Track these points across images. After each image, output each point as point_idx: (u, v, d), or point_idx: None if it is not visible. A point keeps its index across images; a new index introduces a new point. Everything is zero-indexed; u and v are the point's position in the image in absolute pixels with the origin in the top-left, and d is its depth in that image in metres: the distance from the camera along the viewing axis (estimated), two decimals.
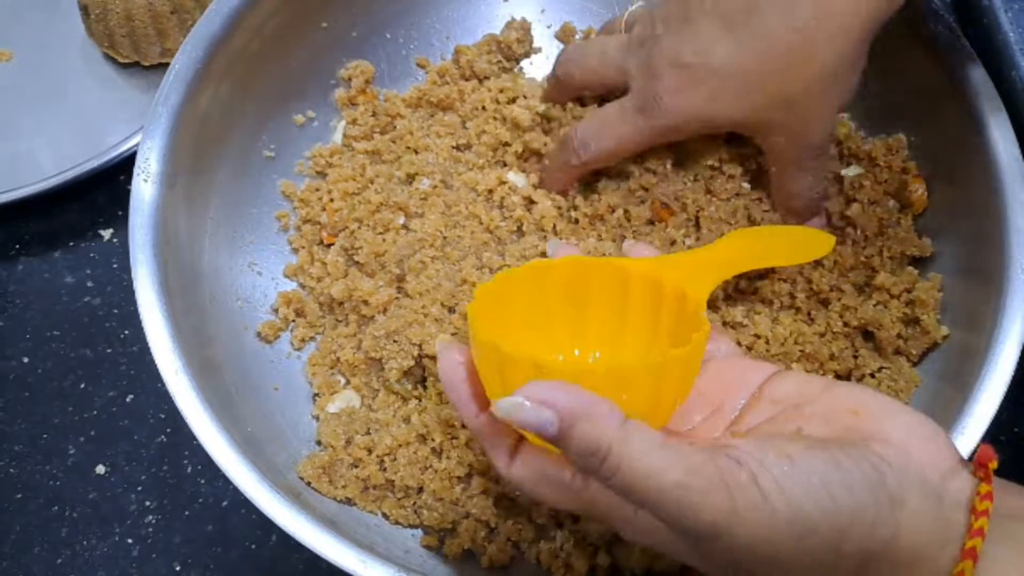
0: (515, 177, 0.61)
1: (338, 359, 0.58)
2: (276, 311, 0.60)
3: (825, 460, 0.35)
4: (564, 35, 0.67)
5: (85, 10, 0.76)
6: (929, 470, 0.36)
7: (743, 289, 0.57)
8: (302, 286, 0.61)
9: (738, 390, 0.42)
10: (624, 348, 0.46)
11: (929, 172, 0.59)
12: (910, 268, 0.57)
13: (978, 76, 0.56)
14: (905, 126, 0.60)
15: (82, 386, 0.67)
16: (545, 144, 0.61)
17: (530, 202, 0.60)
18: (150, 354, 0.50)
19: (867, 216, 0.58)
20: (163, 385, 0.50)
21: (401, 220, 0.60)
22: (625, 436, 0.34)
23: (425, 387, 0.57)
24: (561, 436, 0.35)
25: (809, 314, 0.57)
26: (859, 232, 0.58)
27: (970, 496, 0.36)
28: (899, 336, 0.55)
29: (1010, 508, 0.36)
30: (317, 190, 0.63)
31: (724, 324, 0.55)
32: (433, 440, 0.54)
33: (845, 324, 0.56)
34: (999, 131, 0.55)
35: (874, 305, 0.56)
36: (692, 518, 0.34)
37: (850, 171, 0.60)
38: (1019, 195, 0.53)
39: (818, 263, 0.57)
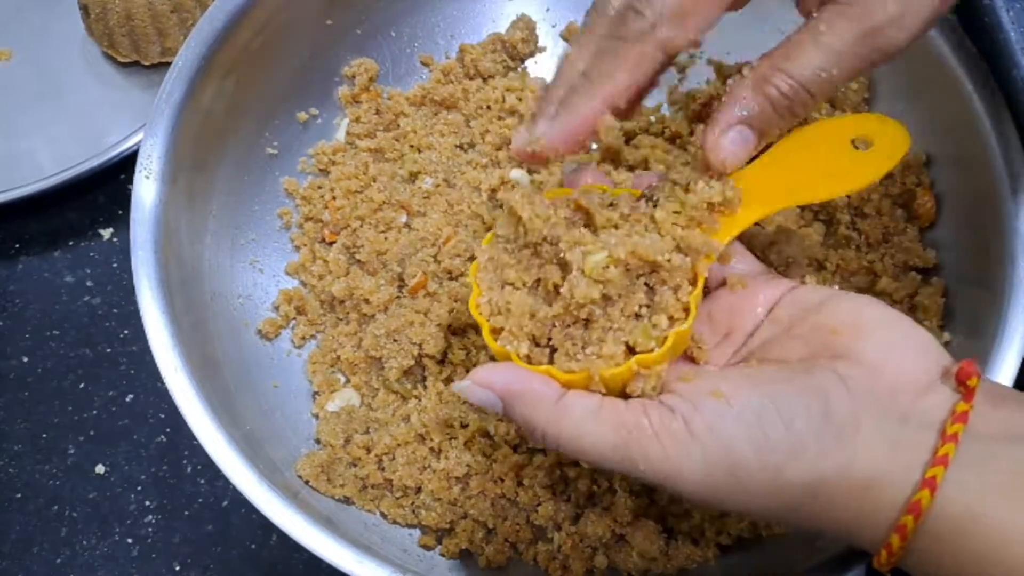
0: (518, 175, 0.61)
1: (338, 357, 0.58)
2: (277, 308, 0.60)
3: (763, 395, 0.36)
4: (569, 34, 0.67)
5: (85, 9, 0.76)
6: (901, 390, 0.37)
7: None
8: (303, 284, 0.61)
9: (747, 315, 0.42)
10: None
11: (934, 179, 0.59)
12: (912, 274, 0.57)
13: (983, 78, 0.56)
14: (911, 131, 0.60)
15: (82, 386, 0.67)
16: None
17: None
18: (150, 354, 0.50)
19: (872, 223, 0.58)
20: (163, 384, 0.49)
21: (403, 219, 0.60)
22: (559, 414, 0.37)
23: (425, 387, 0.57)
24: (507, 414, 0.39)
25: None
26: (863, 238, 0.58)
27: (945, 416, 0.36)
28: None
29: (997, 425, 0.36)
30: (319, 188, 0.63)
31: None
32: (432, 440, 0.54)
33: None
34: (1002, 134, 0.54)
35: None
36: (636, 472, 0.36)
37: None
38: (1022, 200, 0.53)
39: (820, 266, 0.57)
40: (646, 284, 0.40)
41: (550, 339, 0.40)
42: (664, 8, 0.39)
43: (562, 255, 0.39)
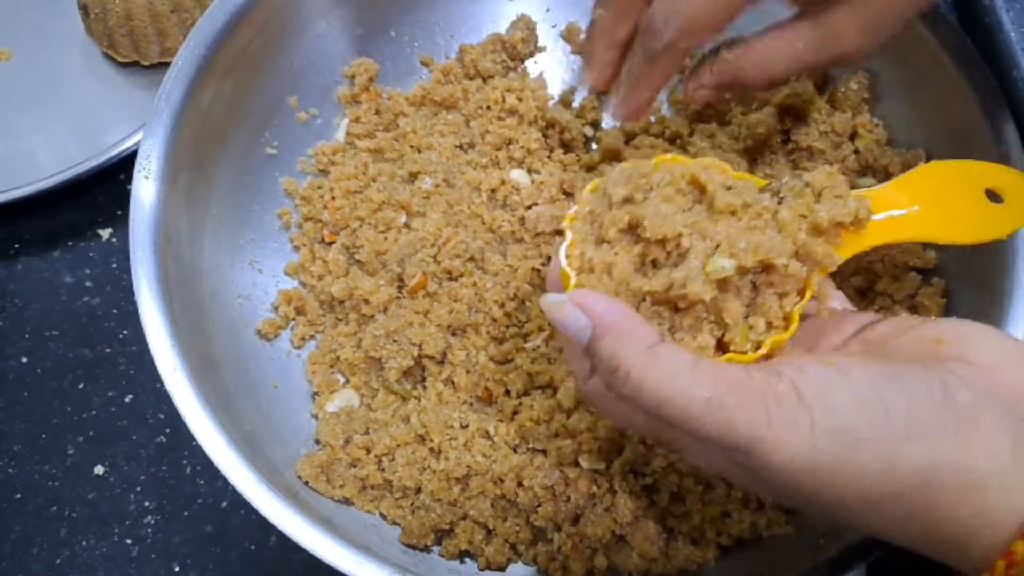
0: (518, 175, 0.61)
1: (338, 358, 0.58)
2: (276, 309, 0.60)
3: (881, 371, 0.33)
4: (569, 34, 0.67)
5: (85, 9, 0.76)
6: (1020, 396, 0.34)
7: None
8: (303, 284, 0.61)
9: (834, 334, 0.40)
10: None
11: None
12: (912, 274, 0.57)
13: (983, 78, 0.56)
14: (911, 131, 0.60)
15: (81, 386, 0.66)
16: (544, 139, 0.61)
17: (534, 203, 0.60)
18: (149, 354, 0.50)
19: None
20: (162, 385, 0.49)
21: (403, 219, 0.60)
22: (651, 359, 0.34)
23: (425, 387, 0.57)
24: (591, 346, 0.36)
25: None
26: None
27: None
28: None
29: None
30: (319, 188, 0.63)
31: None
32: (432, 440, 0.54)
33: None
34: (1002, 134, 0.54)
35: (876, 311, 0.56)
36: (727, 432, 0.33)
37: (863, 182, 0.60)
38: None
39: None
40: (752, 282, 0.38)
41: (636, 310, 0.38)
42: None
43: (680, 239, 0.37)
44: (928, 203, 0.42)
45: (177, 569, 0.61)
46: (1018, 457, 0.33)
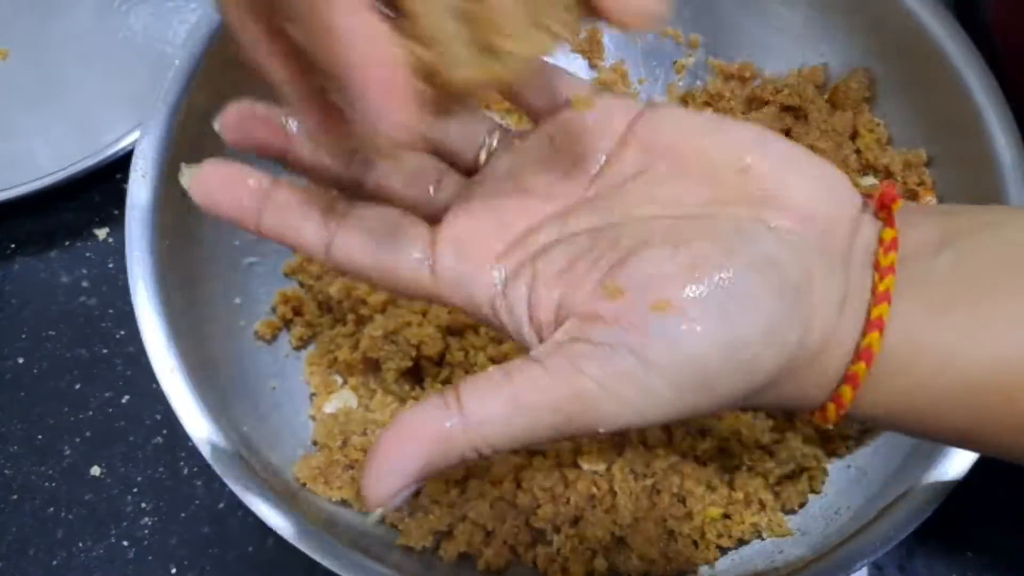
0: None
1: (336, 359, 0.57)
2: (274, 310, 0.59)
3: (717, 286, 0.30)
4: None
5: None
6: (835, 232, 0.32)
7: None
8: (301, 284, 0.61)
9: (599, 135, 0.35)
10: None
11: (934, 179, 0.59)
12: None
13: (981, 75, 0.55)
14: (911, 130, 0.60)
15: (77, 387, 0.66)
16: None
17: None
18: (146, 355, 0.50)
19: None
20: (159, 386, 0.49)
21: None
22: (464, 426, 0.33)
23: (423, 388, 0.57)
24: None
25: None
26: None
27: (876, 249, 0.32)
28: None
29: (914, 244, 0.32)
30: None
31: None
32: None
33: None
34: (1003, 134, 0.54)
35: None
36: (591, 435, 0.31)
37: (864, 181, 0.59)
38: (1022, 200, 0.53)
39: None
40: None
41: None
42: None
43: None
44: None
45: (174, 571, 0.60)
46: (845, 305, 0.31)
